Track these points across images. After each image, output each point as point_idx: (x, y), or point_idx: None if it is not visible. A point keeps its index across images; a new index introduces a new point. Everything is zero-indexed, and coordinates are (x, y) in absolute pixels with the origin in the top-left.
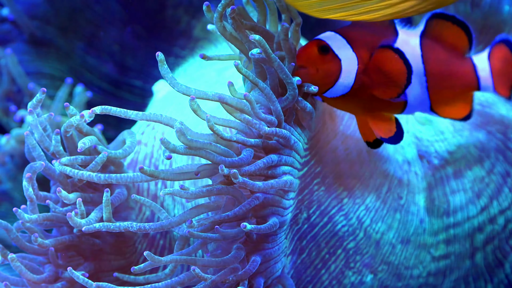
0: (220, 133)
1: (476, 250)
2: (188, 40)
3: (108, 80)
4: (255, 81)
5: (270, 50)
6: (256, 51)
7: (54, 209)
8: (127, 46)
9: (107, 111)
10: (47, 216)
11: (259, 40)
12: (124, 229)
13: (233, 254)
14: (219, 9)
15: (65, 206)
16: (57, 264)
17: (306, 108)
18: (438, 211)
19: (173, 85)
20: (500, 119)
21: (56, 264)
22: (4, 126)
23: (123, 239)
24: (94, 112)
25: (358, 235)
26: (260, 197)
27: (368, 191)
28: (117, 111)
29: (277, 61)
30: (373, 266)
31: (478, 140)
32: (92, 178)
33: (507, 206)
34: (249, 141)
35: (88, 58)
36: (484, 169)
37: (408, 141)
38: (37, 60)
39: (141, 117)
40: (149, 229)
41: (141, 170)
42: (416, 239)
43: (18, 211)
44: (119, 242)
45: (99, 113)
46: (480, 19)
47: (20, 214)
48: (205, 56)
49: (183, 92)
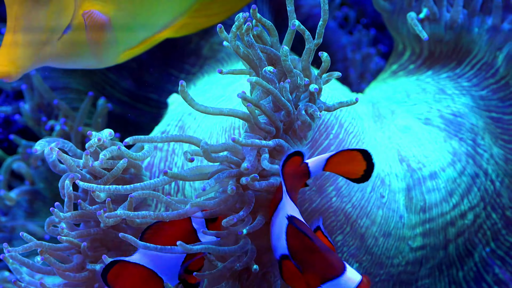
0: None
1: (449, 242)
2: (197, 59)
3: (127, 93)
4: (258, 104)
5: (269, 86)
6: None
7: (84, 207)
8: (144, 63)
9: (139, 140)
10: (78, 213)
11: (256, 82)
12: (142, 216)
13: (241, 244)
14: (233, 29)
15: (92, 204)
16: (86, 254)
17: (306, 121)
18: (416, 208)
19: (193, 106)
20: (470, 127)
21: (85, 254)
22: (36, 134)
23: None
24: (126, 143)
25: (345, 229)
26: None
27: (354, 190)
28: (145, 138)
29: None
30: (358, 256)
31: (451, 146)
32: (119, 191)
33: (476, 204)
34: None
35: (110, 74)
36: (456, 171)
37: (389, 147)
38: (64, 77)
39: (166, 139)
40: (166, 217)
41: (165, 173)
42: (396, 232)
43: (55, 210)
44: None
45: (132, 144)
46: (453, 40)
47: (57, 212)
48: (222, 71)
49: (202, 111)
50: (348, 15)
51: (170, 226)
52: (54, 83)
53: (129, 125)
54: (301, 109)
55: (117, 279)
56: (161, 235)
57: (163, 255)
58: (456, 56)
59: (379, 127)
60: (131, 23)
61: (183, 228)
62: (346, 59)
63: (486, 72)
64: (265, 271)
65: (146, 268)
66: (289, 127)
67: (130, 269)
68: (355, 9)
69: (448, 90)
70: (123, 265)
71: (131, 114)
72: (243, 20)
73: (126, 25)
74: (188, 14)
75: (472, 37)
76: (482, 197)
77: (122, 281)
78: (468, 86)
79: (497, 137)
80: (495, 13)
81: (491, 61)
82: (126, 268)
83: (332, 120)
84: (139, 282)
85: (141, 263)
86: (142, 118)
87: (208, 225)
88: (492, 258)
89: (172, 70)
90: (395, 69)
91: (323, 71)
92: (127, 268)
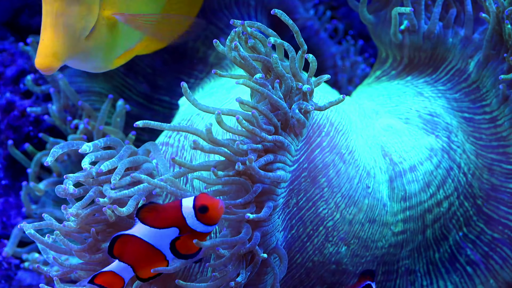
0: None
1: (427, 227)
2: (205, 66)
3: (143, 96)
4: (254, 106)
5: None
6: (259, 76)
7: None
8: (157, 70)
9: (147, 124)
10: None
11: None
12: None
13: (244, 231)
14: (228, 43)
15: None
16: (96, 239)
17: (300, 119)
18: (397, 197)
19: (195, 105)
20: (445, 126)
21: (96, 239)
22: (62, 132)
23: None
24: (137, 125)
25: (335, 216)
26: (260, 187)
27: (343, 182)
28: (155, 124)
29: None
30: (346, 240)
31: (428, 142)
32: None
33: (450, 193)
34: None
35: (128, 79)
36: (433, 165)
37: (374, 143)
38: (88, 81)
39: (173, 128)
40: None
41: (173, 160)
42: (380, 219)
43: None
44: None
45: (141, 126)
46: (430, 49)
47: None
48: (217, 73)
49: (204, 110)
50: (338, 27)
51: (163, 209)
52: (79, 87)
53: None
54: (295, 108)
55: (122, 252)
56: (155, 216)
57: (157, 233)
58: (433, 63)
59: (365, 126)
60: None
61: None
62: (336, 66)
63: (459, 77)
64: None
65: (144, 241)
66: (285, 125)
67: (132, 241)
68: (343, 22)
69: (425, 93)
70: (125, 238)
71: (146, 115)
72: (235, 34)
73: (128, 31)
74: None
75: (447, 46)
76: (456, 187)
77: (126, 253)
78: (443, 90)
79: (469, 134)
80: (467, 25)
81: (463, 67)
82: (129, 240)
83: (323, 120)
84: (142, 253)
85: (139, 236)
86: (157, 118)
87: (197, 215)
88: (464, 242)
89: (183, 75)
90: (378, 75)
91: (311, 72)
92: (129, 241)
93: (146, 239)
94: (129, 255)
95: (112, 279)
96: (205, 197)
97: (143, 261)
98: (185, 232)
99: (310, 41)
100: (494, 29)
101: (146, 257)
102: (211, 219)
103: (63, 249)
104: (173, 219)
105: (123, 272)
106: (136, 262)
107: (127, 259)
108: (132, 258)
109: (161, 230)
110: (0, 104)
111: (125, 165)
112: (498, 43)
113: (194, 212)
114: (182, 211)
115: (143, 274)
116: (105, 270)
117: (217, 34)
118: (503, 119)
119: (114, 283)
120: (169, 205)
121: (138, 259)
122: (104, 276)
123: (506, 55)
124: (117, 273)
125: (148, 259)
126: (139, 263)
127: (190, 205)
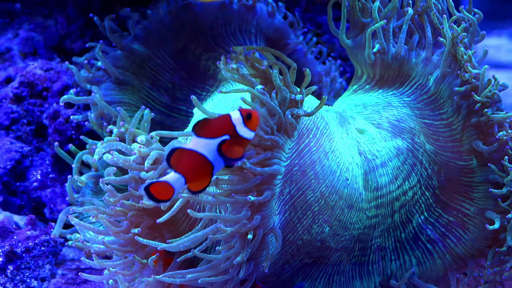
0: None
1: (395, 212)
2: (214, 81)
3: (165, 106)
4: (255, 108)
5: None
6: (260, 87)
7: (134, 193)
8: (176, 84)
9: (160, 134)
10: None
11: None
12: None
13: (243, 213)
14: (234, 66)
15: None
16: (131, 221)
17: (292, 123)
18: (371, 187)
19: (204, 112)
20: (410, 130)
21: (131, 222)
22: (99, 135)
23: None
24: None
25: (321, 203)
26: (259, 178)
27: (327, 175)
28: (166, 133)
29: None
30: (329, 222)
31: (396, 143)
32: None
33: (414, 184)
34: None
35: (152, 92)
36: (400, 161)
37: (352, 143)
38: (119, 94)
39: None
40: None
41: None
42: (357, 205)
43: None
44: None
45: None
46: (397, 67)
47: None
48: (222, 92)
49: (210, 116)
50: (322, 50)
51: (214, 122)
52: (112, 98)
53: (166, 129)
54: (288, 114)
55: (178, 162)
56: (207, 129)
57: (209, 143)
58: (399, 79)
59: (344, 129)
60: None
61: (225, 124)
62: (321, 81)
63: (421, 91)
64: (265, 233)
65: (198, 154)
66: (280, 128)
67: (186, 154)
68: (326, 46)
69: (393, 103)
70: (182, 151)
71: (167, 121)
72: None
73: None
74: None
75: (411, 65)
76: (419, 180)
77: (181, 165)
78: (408, 100)
79: (429, 137)
80: (427, 48)
81: (424, 82)
82: (184, 153)
83: (311, 124)
84: (195, 164)
85: (194, 149)
86: (176, 123)
87: (245, 121)
88: (425, 224)
89: (196, 89)
90: (355, 88)
91: (305, 82)
92: (184, 153)
93: (200, 151)
94: (183, 166)
95: (164, 189)
96: (246, 108)
97: (194, 173)
98: (233, 139)
99: (299, 61)
100: (449, 51)
101: (198, 169)
102: (255, 124)
103: (101, 230)
104: (225, 128)
105: (175, 183)
106: (188, 174)
107: (180, 170)
108: (185, 169)
109: (213, 140)
110: (48, 112)
111: (156, 154)
112: (453, 62)
113: (242, 119)
114: (232, 120)
115: (193, 186)
116: (159, 180)
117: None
118: (457, 124)
119: (164, 193)
120: (219, 117)
121: (190, 171)
122: (157, 185)
123: (459, 72)
124: (170, 183)
125: (199, 171)
126: (191, 174)
127: (238, 115)
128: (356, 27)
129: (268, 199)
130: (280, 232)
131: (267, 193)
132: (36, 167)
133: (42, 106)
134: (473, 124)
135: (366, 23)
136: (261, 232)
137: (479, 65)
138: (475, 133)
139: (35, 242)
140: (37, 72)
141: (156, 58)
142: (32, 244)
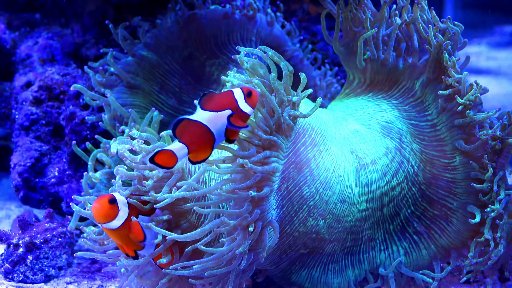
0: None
1: (384, 206)
2: (218, 85)
3: (172, 108)
4: (258, 108)
5: (265, 90)
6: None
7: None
8: (183, 88)
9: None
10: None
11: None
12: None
13: (245, 207)
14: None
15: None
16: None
17: (290, 124)
18: (362, 183)
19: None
20: (397, 130)
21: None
22: (112, 135)
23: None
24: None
25: (316, 198)
26: (259, 175)
27: (321, 171)
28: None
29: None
30: (324, 215)
31: (385, 143)
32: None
33: (401, 181)
34: (254, 142)
35: (161, 95)
36: (388, 159)
37: (344, 143)
38: (131, 97)
39: None
40: (197, 194)
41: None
42: (349, 199)
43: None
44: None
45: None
46: (386, 73)
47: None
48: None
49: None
50: (317, 57)
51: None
52: (124, 101)
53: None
54: (285, 115)
55: (182, 132)
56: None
57: (216, 116)
58: (388, 83)
59: (337, 130)
60: None
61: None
62: (316, 85)
63: (408, 94)
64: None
65: (203, 125)
66: (278, 128)
67: (192, 124)
68: (321, 53)
69: (382, 106)
70: (187, 122)
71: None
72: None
73: None
74: None
75: (399, 71)
76: (406, 176)
77: (186, 134)
78: (396, 103)
79: (415, 136)
80: (414, 55)
81: (411, 86)
82: (189, 123)
83: (307, 125)
84: (198, 135)
85: (199, 120)
86: None
87: (246, 98)
88: (412, 217)
89: (201, 93)
90: (347, 92)
91: (302, 85)
92: (190, 124)
93: (204, 122)
94: (187, 136)
95: (168, 157)
96: (247, 87)
97: (197, 143)
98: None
99: (296, 67)
100: (434, 58)
101: (201, 140)
102: (254, 101)
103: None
104: (228, 103)
105: (178, 151)
106: (191, 144)
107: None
108: (189, 139)
109: (218, 113)
110: (65, 114)
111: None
112: (438, 68)
113: (244, 95)
114: (234, 96)
115: (194, 157)
116: (165, 149)
117: (227, 62)
118: (441, 125)
119: (168, 162)
120: (223, 93)
121: (194, 141)
122: (162, 154)
123: (444, 77)
124: (173, 151)
125: (202, 141)
126: (193, 144)
127: (239, 91)
128: (348, 35)
129: (267, 194)
130: (278, 225)
131: (266, 189)
132: (53, 165)
133: (59, 108)
134: (456, 125)
135: (357, 32)
136: (260, 225)
137: (461, 70)
138: (458, 133)
139: (53, 233)
140: (55, 77)
141: (164, 64)
142: (50, 235)
